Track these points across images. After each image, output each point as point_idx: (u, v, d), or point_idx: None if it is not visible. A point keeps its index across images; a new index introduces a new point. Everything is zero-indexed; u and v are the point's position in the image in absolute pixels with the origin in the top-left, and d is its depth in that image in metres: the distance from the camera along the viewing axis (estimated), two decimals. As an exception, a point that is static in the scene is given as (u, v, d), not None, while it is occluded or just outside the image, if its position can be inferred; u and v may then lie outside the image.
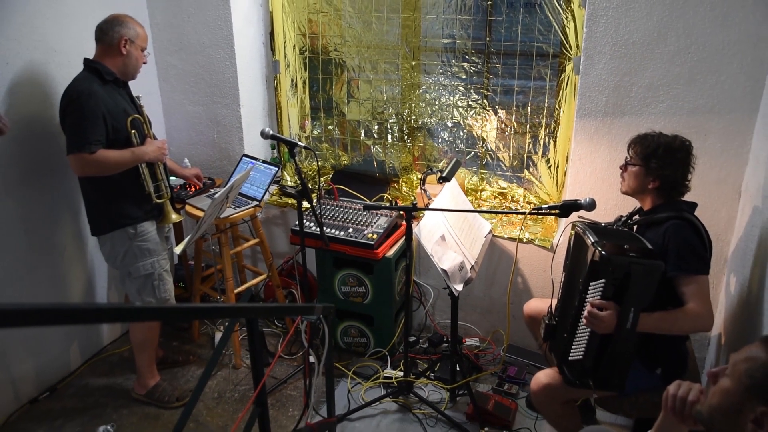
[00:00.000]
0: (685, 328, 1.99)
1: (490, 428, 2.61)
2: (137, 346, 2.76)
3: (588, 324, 1.92)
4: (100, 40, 2.45)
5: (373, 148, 3.46)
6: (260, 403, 1.72)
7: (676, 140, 2.05)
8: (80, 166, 2.38)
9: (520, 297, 2.99)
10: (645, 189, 2.08)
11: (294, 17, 3.34)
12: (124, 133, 2.46)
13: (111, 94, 2.44)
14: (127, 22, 2.46)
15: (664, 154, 2.02)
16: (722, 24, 2.30)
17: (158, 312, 1.91)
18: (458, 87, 3.13)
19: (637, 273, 1.83)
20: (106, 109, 2.38)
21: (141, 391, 2.83)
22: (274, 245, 3.54)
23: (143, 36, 2.52)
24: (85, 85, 2.37)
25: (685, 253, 1.94)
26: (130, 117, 2.48)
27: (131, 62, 2.50)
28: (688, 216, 2.02)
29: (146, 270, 2.61)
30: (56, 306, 0.87)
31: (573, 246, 2.17)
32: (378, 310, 3.03)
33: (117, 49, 2.44)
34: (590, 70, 2.56)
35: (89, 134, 2.33)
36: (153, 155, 2.52)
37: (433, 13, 3.06)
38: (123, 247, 2.56)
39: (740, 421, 1.13)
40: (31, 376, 2.82)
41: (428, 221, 2.62)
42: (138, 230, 2.56)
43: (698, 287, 1.93)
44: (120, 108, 2.46)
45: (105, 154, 2.38)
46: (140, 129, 2.53)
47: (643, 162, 2.06)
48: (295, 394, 2.90)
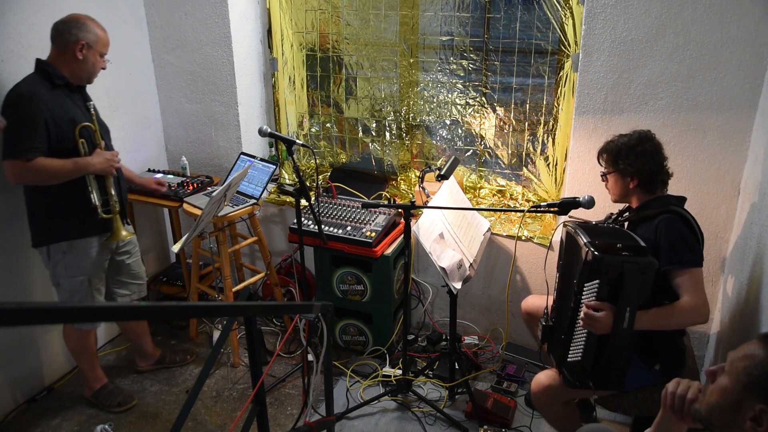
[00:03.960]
0: (682, 322, 2.00)
1: (489, 426, 2.60)
2: (74, 353, 2.72)
3: (584, 325, 1.91)
4: (54, 40, 2.31)
5: (371, 145, 3.45)
6: (259, 402, 1.72)
7: (634, 135, 2.11)
8: (15, 173, 2.24)
9: (519, 295, 2.99)
10: (628, 190, 2.13)
11: (292, 15, 3.33)
12: (71, 141, 2.31)
13: (60, 99, 2.30)
14: (86, 24, 2.32)
15: (627, 152, 2.08)
16: (720, 21, 2.30)
17: (158, 311, 1.89)
18: (456, 84, 3.12)
19: (631, 272, 1.82)
20: (49, 115, 2.24)
21: (88, 393, 2.80)
22: (272, 243, 3.53)
23: (104, 41, 2.37)
24: (28, 88, 2.24)
25: (678, 247, 1.95)
26: (79, 125, 2.33)
27: (87, 68, 2.35)
28: (678, 210, 2.04)
29: (74, 286, 2.50)
30: (53, 306, 0.86)
31: (565, 246, 2.17)
32: (376, 308, 3.03)
33: (72, 53, 2.30)
34: (589, 68, 2.55)
35: (26, 140, 2.20)
36: (100, 167, 2.36)
37: (431, 10, 3.05)
38: (56, 259, 2.47)
39: (739, 419, 1.12)
40: (28, 376, 2.81)
41: (427, 219, 2.62)
42: (73, 246, 2.44)
43: (692, 280, 1.93)
44: (67, 115, 2.31)
45: (43, 163, 2.23)
46: (90, 138, 2.38)
47: (614, 167, 2.13)
48: (293, 393, 2.90)
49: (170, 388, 2.94)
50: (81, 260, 2.48)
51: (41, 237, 2.46)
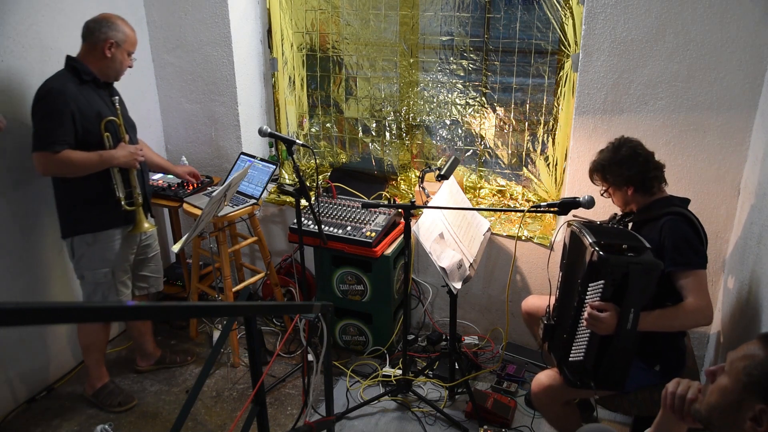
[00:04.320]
0: (686, 324, 1.99)
1: (489, 426, 2.60)
2: (84, 348, 2.74)
3: (588, 326, 1.91)
4: (85, 38, 2.39)
5: (371, 145, 3.45)
6: (259, 402, 1.72)
7: (609, 147, 2.15)
8: (43, 165, 2.32)
9: (519, 295, 2.99)
10: (628, 198, 2.15)
11: (292, 14, 3.33)
12: (97, 135, 2.39)
13: (87, 94, 2.38)
14: (116, 23, 2.40)
15: (610, 166, 2.12)
16: (720, 21, 2.30)
17: (158, 311, 1.89)
18: (456, 84, 3.12)
19: (636, 273, 1.82)
20: (76, 109, 2.31)
21: (89, 391, 2.81)
22: (272, 243, 3.53)
23: (132, 40, 2.45)
24: (57, 83, 2.32)
25: (683, 248, 1.94)
26: (104, 119, 2.40)
27: (114, 65, 2.43)
28: (682, 211, 2.04)
29: (98, 278, 2.56)
30: (53, 305, 0.86)
31: (569, 245, 2.16)
32: (376, 308, 3.03)
33: (101, 51, 2.38)
34: (589, 68, 2.55)
35: (54, 133, 2.28)
36: (123, 160, 2.43)
37: (431, 10, 3.05)
38: (80, 251, 2.53)
39: (738, 419, 1.12)
40: (28, 376, 2.81)
41: (427, 219, 2.62)
42: (98, 238, 2.50)
43: (697, 281, 1.93)
44: (94, 109, 2.38)
45: (70, 155, 2.31)
46: (115, 132, 2.46)
47: (606, 182, 2.17)
48: (293, 393, 2.90)
49: (170, 388, 2.94)
50: (104, 252, 2.54)
51: (67, 228, 2.53)
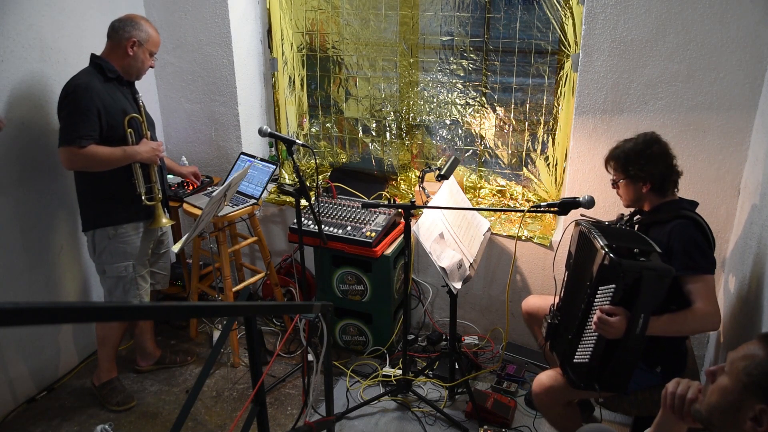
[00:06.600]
0: (695, 329, 1.97)
1: (489, 426, 2.60)
2: (99, 340, 2.78)
3: (597, 329, 1.87)
4: (110, 37, 2.47)
5: (371, 145, 3.45)
6: (259, 402, 1.72)
7: (639, 139, 2.07)
8: (69, 159, 2.39)
9: (519, 295, 2.99)
10: (641, 195, 2.09)
11: (292, 15, 3.33)
12: (120, 131, 2.47)
13: (111, 91, 2.45)
14: (140, 23, 2.48)
15: (636, 158, 2.04)
16: (720, 21, 2.30)
17: (158, 311, 1.89)
18: (456, 84, 3.12)
19: (649, 278, 1.79)
20: (101, 105, 2.38)
21: (96, 382, 2.84)
22: (272, 243, 3.53)
23: (155, 40, 2.53)
24: (83, 80, 2.39)
25: (693, 253, 1.92)
26: (128, 116, 2.48)
27: (136, 64, 2.51)
28: (692, 215, 2.01)
29: (119, 272, 2.61)
30: (52, 305, 0.86)
31: (578, 245, 2.13)
32: (377, 308, 3.03)
33: (124, 49, 2.45)
34: (589, 68, 2.55)
35: (80, 128, 2.35)
36: (146, 155, 2.51)
37: (431, 10, 3.05)
38: (101, 245, 2.58)
39: (739, 419, 1.12)
40: (28, 376, 2.81)
41: (427, 219, 2.62)
42: (118, 231, 2.56)
43: (705, 286, 1.91)
44: (118, 106, 2.46)
45: (95, 150, 2.38)
46: (138, 129, 2.54)
47: (624, 173, 2.09)
48: (293, 393, 2.90)
49: (170, 388, 2.94)
50: (125, 246, 2.59)
51: (89, 222, 2.57)
